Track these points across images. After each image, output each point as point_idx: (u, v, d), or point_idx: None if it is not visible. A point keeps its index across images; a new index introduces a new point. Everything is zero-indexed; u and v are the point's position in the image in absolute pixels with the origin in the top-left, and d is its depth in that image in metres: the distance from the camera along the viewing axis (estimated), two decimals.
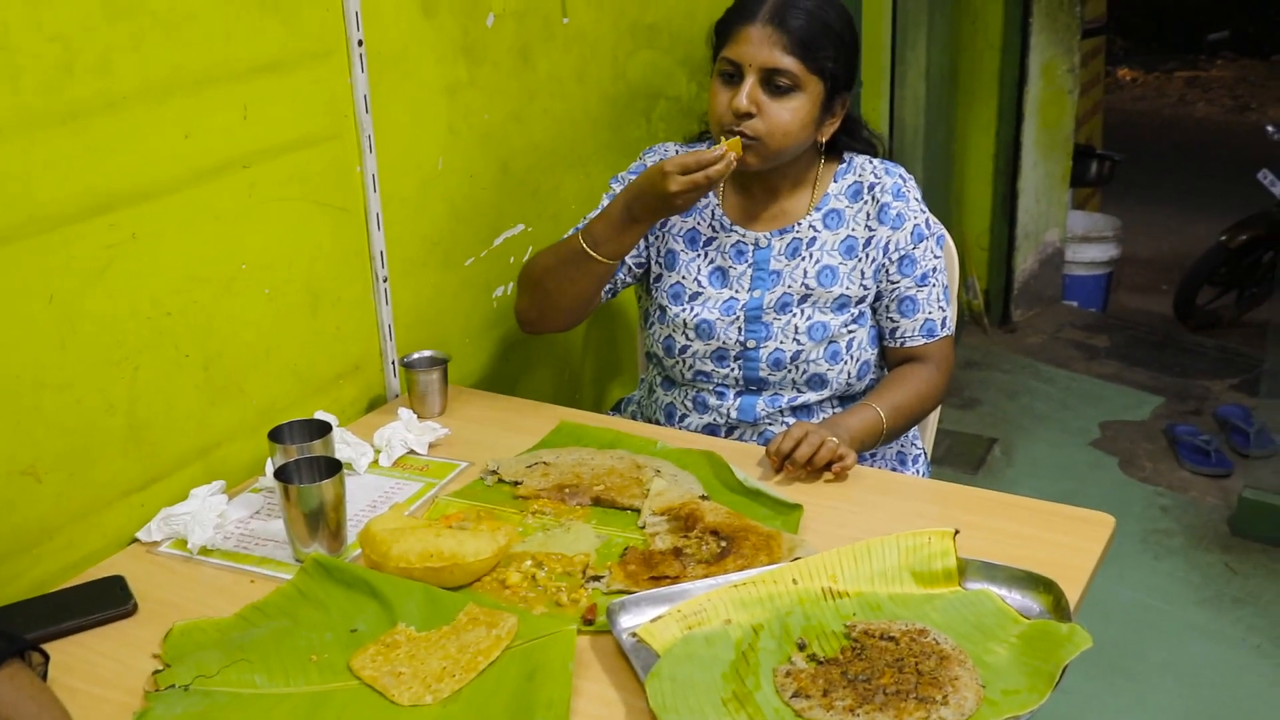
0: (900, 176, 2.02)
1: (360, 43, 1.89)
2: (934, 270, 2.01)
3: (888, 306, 2.01)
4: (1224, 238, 5.07)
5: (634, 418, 2.23)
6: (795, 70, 1.86)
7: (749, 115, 1.87)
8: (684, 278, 2.03)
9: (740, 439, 2.03)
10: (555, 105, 2.38)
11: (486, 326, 2.32)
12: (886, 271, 1.99)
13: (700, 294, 2.02)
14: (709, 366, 2.03)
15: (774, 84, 1.87)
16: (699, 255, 2.04)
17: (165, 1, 1.59)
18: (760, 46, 1.86)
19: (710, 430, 2.05)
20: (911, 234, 1.99)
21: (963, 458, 3.93)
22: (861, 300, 2.00)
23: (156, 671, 1.36)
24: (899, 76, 3.96)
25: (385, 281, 2.04)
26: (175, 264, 1.69)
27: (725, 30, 1.93)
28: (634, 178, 2.06)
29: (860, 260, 1.99)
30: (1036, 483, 3.75)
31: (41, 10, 1.45)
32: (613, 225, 1.92)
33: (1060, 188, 5.11)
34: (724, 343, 2.00)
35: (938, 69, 4.35)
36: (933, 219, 2.03)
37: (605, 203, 2.07)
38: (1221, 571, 3.27)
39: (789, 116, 1.88)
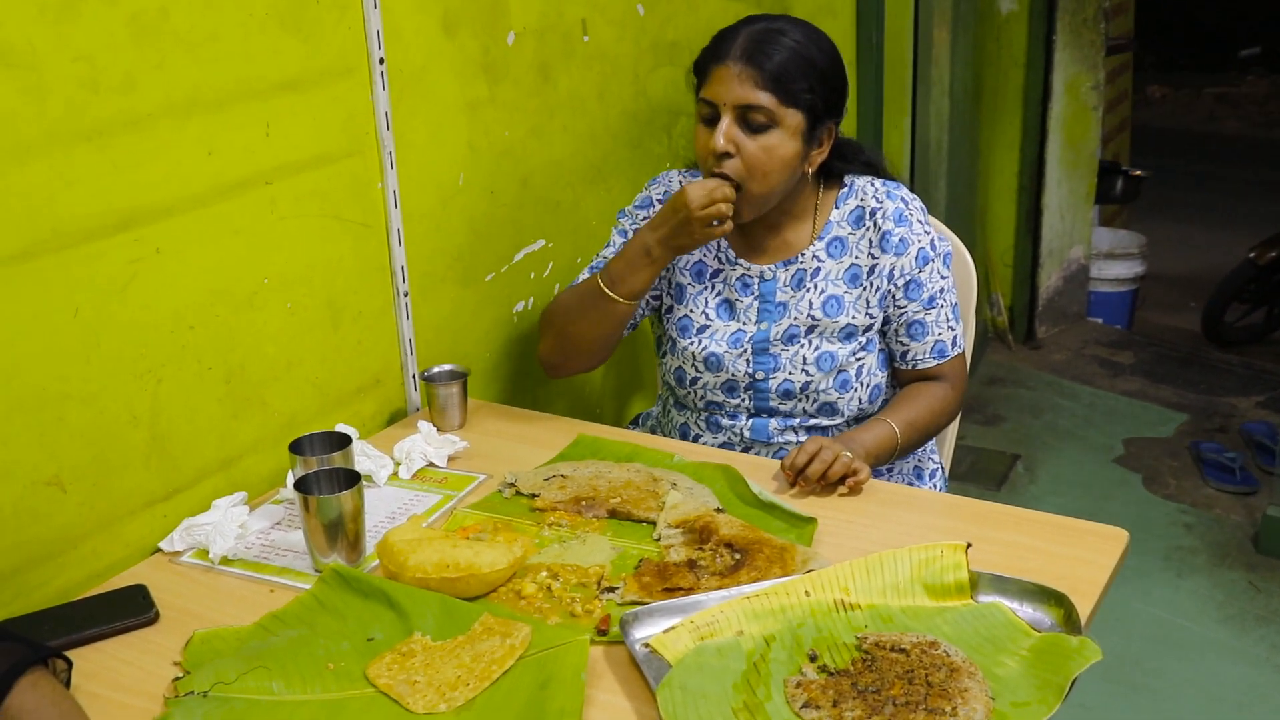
0: (902, 200, 2.00)
1: (381, 61, 1.92)
2: (941, 291, 2.00)
3: (896, 331, 2.01)
4: (1253, 254, 5.04)
5: (652, 432, 2.24)
6: (769, 105, 1.86)
7: (728, 155, 1.87)
8: (692, 311, 2.05)
9: (756, 455, 2.04)
10: (576, 122, 2.41)
11: (506, 341, 2.34)
12: (893, 298, 2.00)
13: (708, 327, 2.04)
14: (720, 397, 2.05)
15: (749, 121, 1.87)
16: (706, 288, 2.06)
17: (188, 21, 1.63)
18: (733, 85, 1.87)
19: (725, 449, 2.06)
20: (916, 258, 1.98)
21: (986, 474, 3.92)
22: (869, 328, 2.01)
23: (177, 678, 1.38)
24: (922, 94, 3.97)
25: (406, 296, 2.06)
26: (198, 278, 1.71)
27: (701, 71, 1.94)
28: (640, 211, 2.11)
29: (865, 289, 1.99)
30: (1059, 499, 3.74)
31: (68, 30, 1.49)
32: (629, 264, 1.94)
33: (1085, 204, 5.10)
34: (733, 374, 2.02)
35: (961, 85, 4.35)
36: (939, 238, 2.03)
37: (614, 238, 2.11)
38: (1245, 589, 3.25)
39: (765, 156, 1.87)
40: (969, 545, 1.49)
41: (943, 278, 2.01)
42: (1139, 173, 5.31)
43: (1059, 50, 4.78)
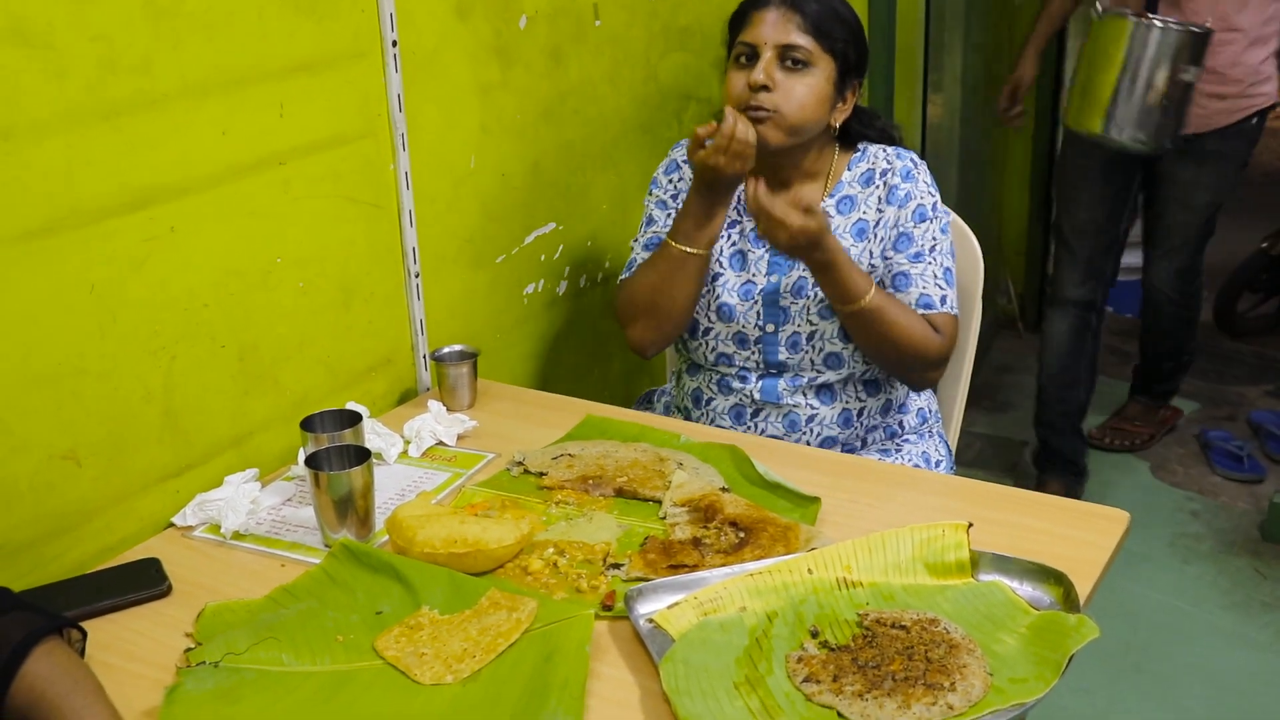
0: (912, 160, 2.06)
1: (394, 43, 1.94)
2: (931, 250, 2.01)
3: (883, 283, 2.03)
4: (1265, 244, 5.03)
5: (666, 410, 2.27)
6: (810, 47, 1.94)
7: (765, 89, 1.93)
8: (710, 255, 2.08)
9: (766, 419, 2.07)
10: (587, 106, 2.42)
11: (516, 322, 2.36)
12: (887, 247, 2.03)
13: (720, 275, 2.07)
14: (730, 348, 2.08)
15: (790, 59, 1.94)
16: (723, 237, 2.09)
17: (204, 2, 1.65)
18: (775, 27, 1.95)
19: (737, 411, 2.09)
20: (914, 213, 2.02)
21: (995, 460, 3.94)
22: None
23: (188, 649, 1.40)
24: (933, 82, 3.97)
25: (417, 277, 2.08)
26: (212, 257, 1.74)
27: (740, 18, 2.02)
28: (666, 177, 2.15)
29: (870, 241, 2.03)
30: None
31: (85, 11, 1.51)
32: (693, 217, 1.99)
33: None
34: (743, 326, 2.06)
35: (973, 73, 4.35)
36: (942, 205, 2.06)
37: (651, 210, 2.15)
38: (1251, 576, 3.26)
39: (804, 90, 1.95)
40: (970, 525, 1.51)
41: (935, 239, 2.02)
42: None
43: (1070, 39, 4.76)
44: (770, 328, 2.06)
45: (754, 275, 2.08)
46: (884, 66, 3.50)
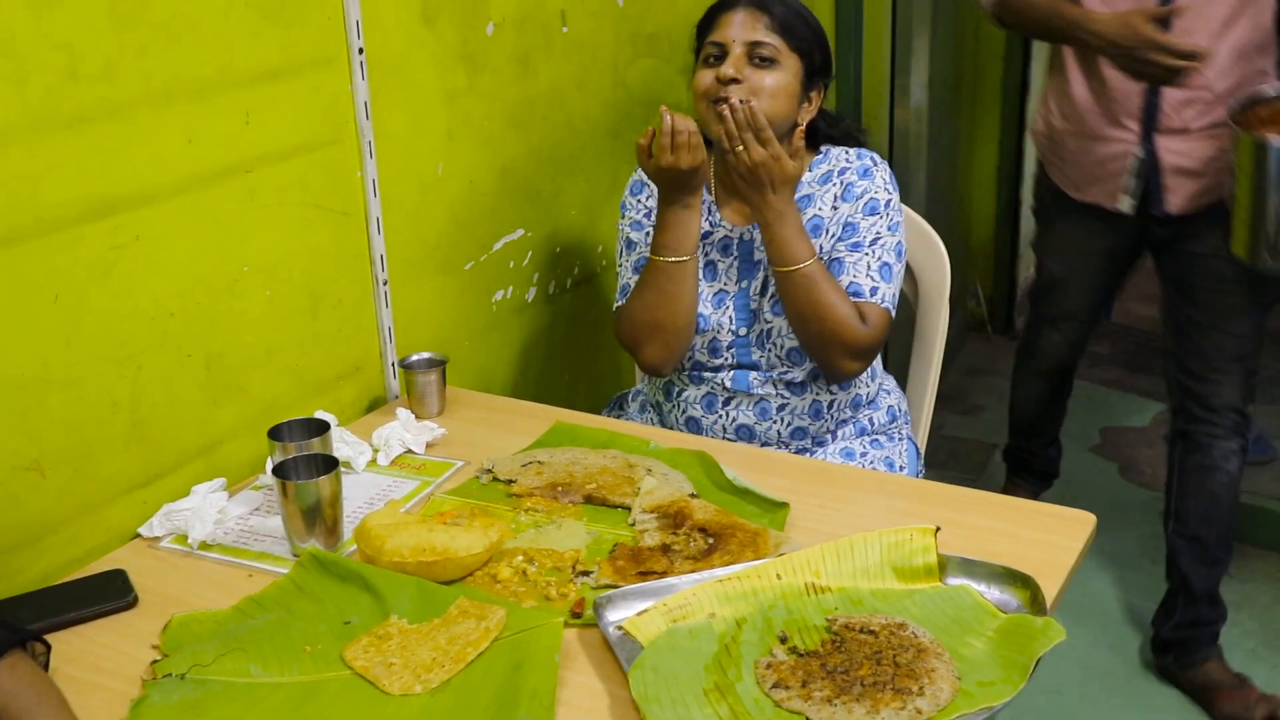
0: (872, 159, 2.08)
1: (361, 50, 1.93)
2: (871, 242, 2.02)
3: None
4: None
5: (641, 408, 2.27)
6: (777, 45, 1.98)
7: (735, 81, 1.96)
8: None
9: (738, 408, 2.09)
10: (555, 112, 2.42)
11: (485, 329, 2.35)
12: (835, 241, 2.05)
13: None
14: (705, 356, 2.11)
15: (758, 56, 1.98)
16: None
17: (168, 10, 1.64)
18: (743, 26, 1.99)
19: (708, 400, 2.11)
20: (864, 206, 2.04)
21: (964, 463, 3.95)
22: None
23: (155, 661, 1.39)
24: (900, 86, 3.98)
25: (385, 285, 2.08)
26: (178, 266, 1.73)
27: (708, 21, 2.06)
28: (635, 197, 2.17)
29: (822, 237, 2.05)
30: None
31: (47, 18, 1.50)
32: (669, 228, 2.01)
33: None
34: (717, 333, 2.08)
35: (940, 77, 4.37)
36: (898, 204, 2.07)
37: (625, 230, 2.16)
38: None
39: (772, 83, 1.98)
40: (938, 529, 1.51)
41: (879, 234, 2.03)
42: None
43: (1037, 43, 4.80)
44: (742, 331, 2.08)
45: (725, 284, 2.10)
46: (851, 70, 3.51)
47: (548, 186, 2.45)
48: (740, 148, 1.92)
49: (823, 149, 2.12)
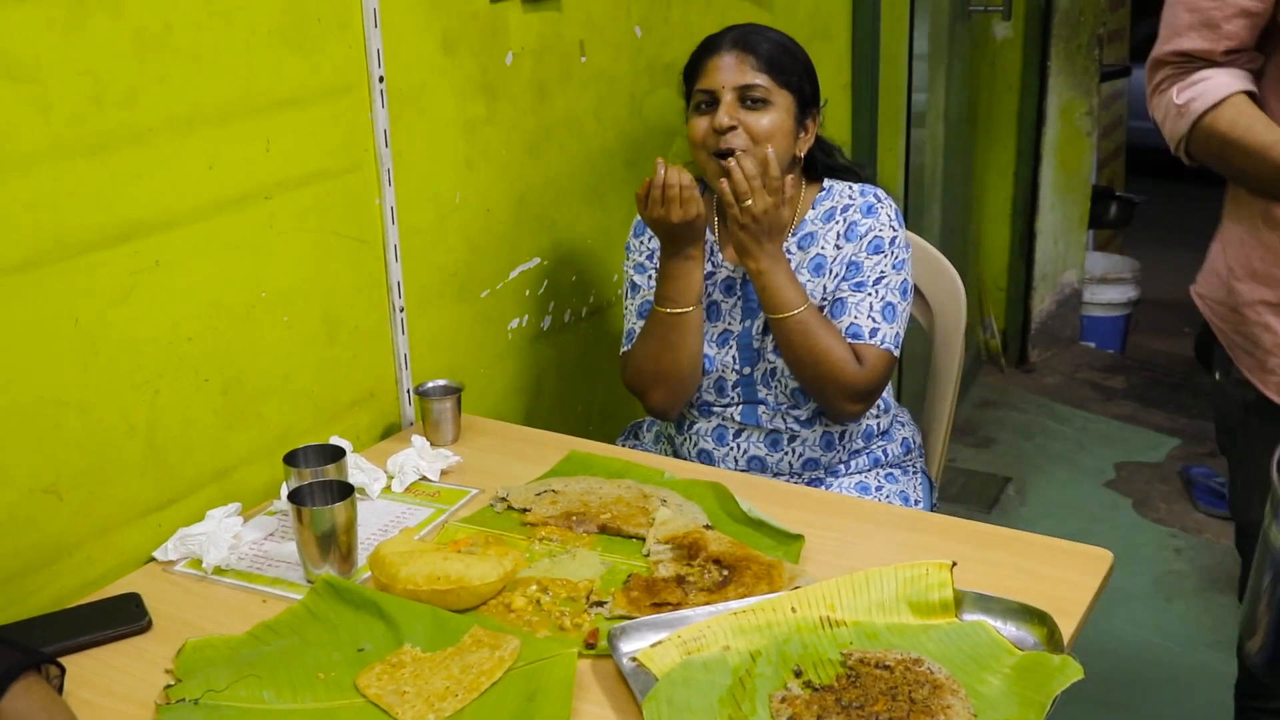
0: (875, 196, 2.07)
1: (381, 79, 1.95)
2: (875, 281, 2.02)
3: (821, 308, 2.04)
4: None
5: (656, 438, 2.28)
6: (767, 84, 1.99)
7: (731, 129, 1.97)
8: None
9: (749, 439, 2.09)
10: (572, 141, 2.43)
11: (500, 357, 2.36)
12: (839, 281, 2.04)
13: None
14: (712, 396, 2.12)
15: (749, 99, 1.98)
16: None
17: (192, 37, 1.65)
18: (731, 70, 1.99)
19: (719, 433, 2.12)
20: (869, 244, 2.03)
21: (976, 496, 3.94)
22: (822, 312, 2.04)
23: (168, 686, 1.39)
24: (916, 118, 4.00)
25: (402, 312, 2.08)
26: (196, 291, 1.73)
27: (695, 68, 2.06)
28: (637, 239, 2.19)
29: (825, 277, 2.04)
30: (1049, 523, 3.75)
31: (73, 44, 1.51)
32: (671, 279, 2.02)
33: (1078, 229, 5.13)
34: (722, 372, 2.08)
35: (956, 110, 4.39)
36: (902, 240, 2.06)
37: (629, 273, 2.17)
38: (1234, 614, 3.26)
39: (768, 124, 1.98)
40: (954, 564, 1.50)
41: (883, 272, 2.02)
42: (1133, 197, 5.35)
43: (1053, 76, 4.82)
44: (747, 370, 2.08)
45: (729, 324, 2.10)
46: (868, 104, 3.52)
47: (564, 215, 2.45)
48: (747, 202, 1.91)
49: (825, 185, 2.11)
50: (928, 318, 2.37)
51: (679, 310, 2.02)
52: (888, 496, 2.11)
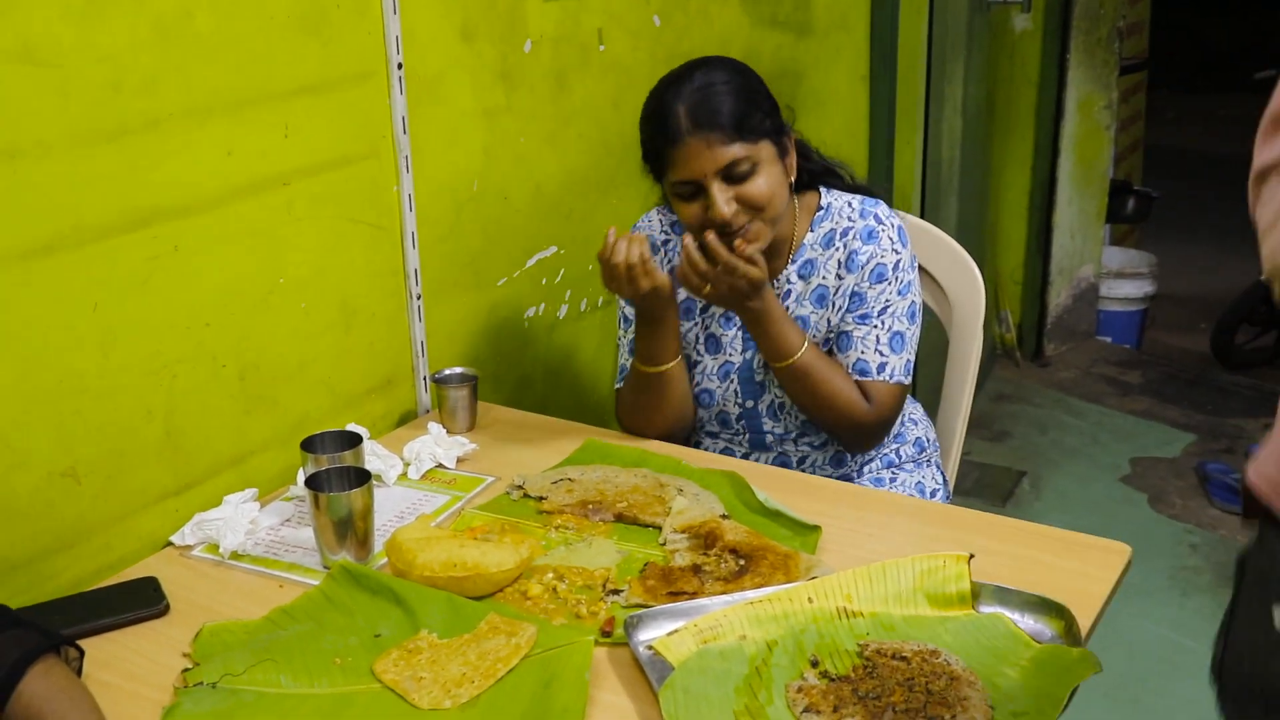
0: (875, 218, 1.98)
1: (400, 66, 1.94)
2: (880, 312, 1.95)
3: (826, 340, 2.00)
4: (1264, 276, 5.03)
5: None
6: (744, 152, 1.84)
7: (738, 215, 1.86)
8: (684, 346, 2.06)
9: (757, 461, 2.07)
10: (590, 130, 2.43)
11: (517, 345, 2.36)
12: (844, 313, 1.99)
13: (699, 363, 2.07)
14: (715, 428, 2.10)
15: (735, 174, 1.85)
16: (695, 324, 2.07)
17: (211, 24, 1.65)
18: (702, 156, 1.84)
19: (727, 454, 2.09)
20: (871, 273, 1.95)
21: (991, 490, 3.93)
22: (828, 344, 2.00)
23: (186, 669, 1.40)
24: (934, 111, 3.98)
25: (419, 299, 2.08)
26: (214, 277, 1.74)
27: (659, 157, 1.91)
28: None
29: (829, 309, 1.99)
30: (1064, 517, 3.74)
31: (93, 32, 1.51)
32: (644, 340, 1.98)
33: (1095, 223, 5.11)
34: (724, 406, 2.06)
35: (974, 103, 4.37)
36: (907, 261, 1.97)
37: (620, 302, 2.09)
38: None
39: (764, 185, 1.86)
40: (971, 556, 1.50)
41: (888, 301, 1.95)
42: (1151, 192, 5.32)
43: (1072, 69, 4.79)
44: (750, 403, 2.04)
45: (730, 355, 2.05)
46: (886, 97, 3.51)
47: (581, 204, 2.45)
48: (707, 289, 1.86)
49: (823, 201, 2.02)
50: (946, 310, 2.35)
51: (658, 369, 1.98)
52: (904, 487, 2.11)
